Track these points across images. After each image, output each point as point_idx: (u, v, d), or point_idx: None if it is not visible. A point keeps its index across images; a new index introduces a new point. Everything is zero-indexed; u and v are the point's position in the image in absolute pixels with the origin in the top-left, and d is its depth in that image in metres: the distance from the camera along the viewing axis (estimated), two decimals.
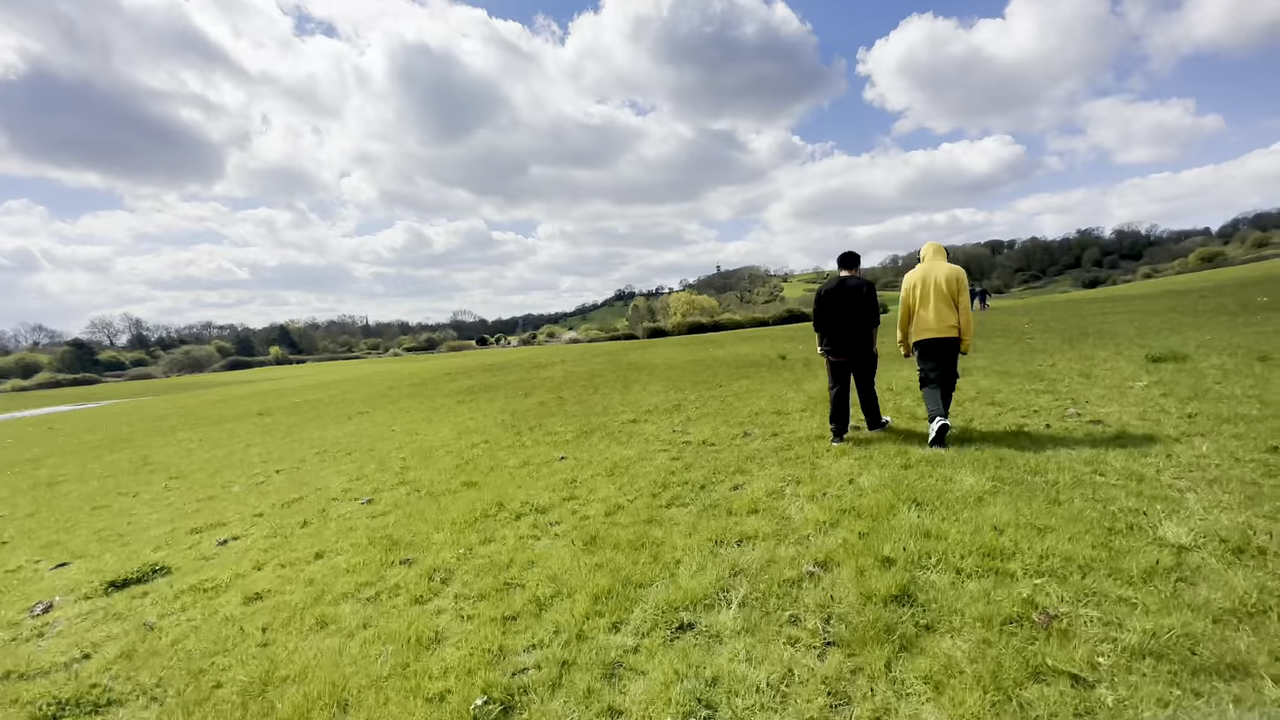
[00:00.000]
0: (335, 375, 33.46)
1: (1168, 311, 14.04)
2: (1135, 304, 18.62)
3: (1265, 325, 9.42)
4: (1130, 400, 5.49)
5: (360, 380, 24.02)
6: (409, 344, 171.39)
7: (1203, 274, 54.09)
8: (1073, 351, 9.04)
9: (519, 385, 14.00)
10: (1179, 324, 11.10)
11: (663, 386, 10.77)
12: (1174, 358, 7.16)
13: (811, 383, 8.92)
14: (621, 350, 25.55)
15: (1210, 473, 3.63)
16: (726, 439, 5.91)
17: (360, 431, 9.74)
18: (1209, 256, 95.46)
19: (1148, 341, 9.09)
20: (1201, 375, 6.15)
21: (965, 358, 9.61)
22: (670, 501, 4.28)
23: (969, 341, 4.98)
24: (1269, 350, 7.01)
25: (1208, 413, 4.80)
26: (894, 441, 5.00)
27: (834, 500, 3.85)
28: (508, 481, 5.37)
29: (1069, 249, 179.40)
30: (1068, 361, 8.11)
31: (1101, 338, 10.36)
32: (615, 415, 8.15)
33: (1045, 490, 3.58)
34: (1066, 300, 30.86)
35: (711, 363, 14.35)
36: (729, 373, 11.75)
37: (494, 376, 17.59)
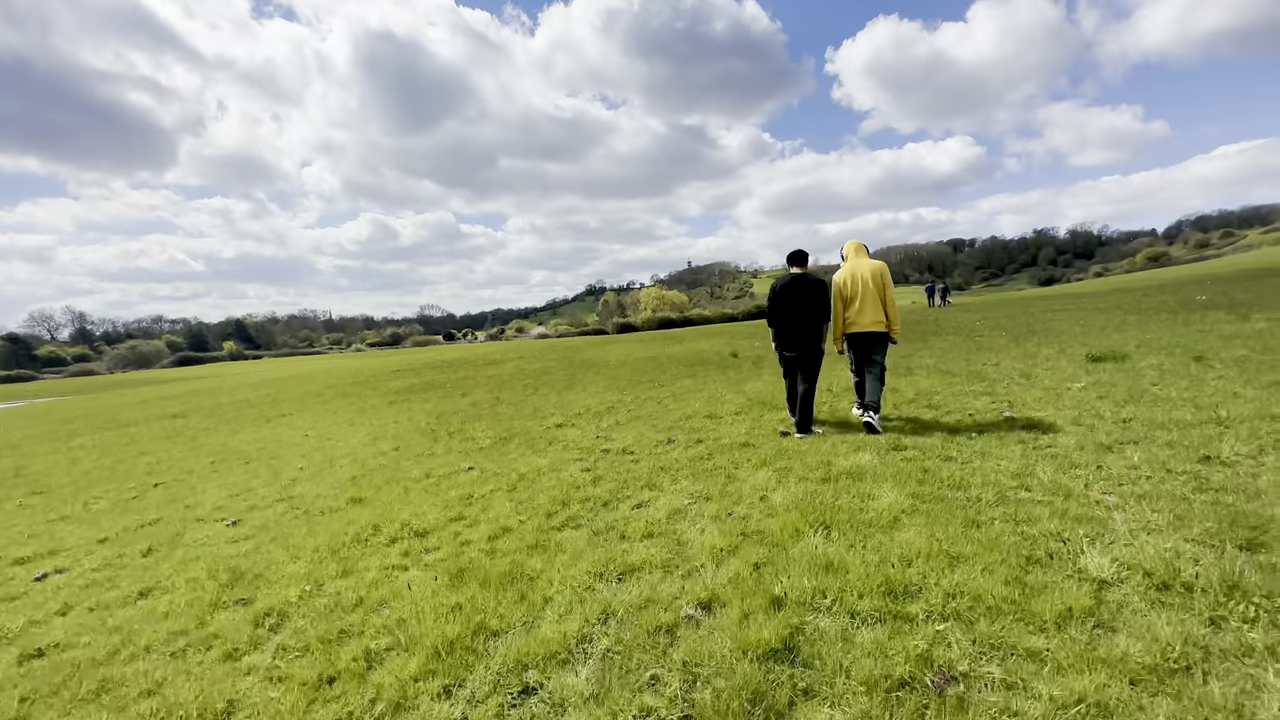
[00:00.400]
0: (282, 372, 31.98)
1: (1113, 310, 14.21)
2: (1084, 302, 18.93)
3: (1202, 324, 9.46)
4: (1067, 403, 5.25)
5: (302, 377, 22.89)
6: (373, 339, 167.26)
7: (1149, 273, 56.35)
8: (1018, 350, 8.91)
9: (461, 384, 13.34)
10: (1122, 322, 11.15)
11: (605, 386, 10.30)
12: (1114, 357, 7.02)
13: (754, 383, 8.57)
14: (581, 346, 24.99)
15: (1140, 486, 3.34)
16: (649, 446, 5.47)
17: (271, 437, 8.99)
18: (1155, 256, 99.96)
19: (1091, 340, 9.02)
20: (1139, 376, 5.98)
21: (913, 356, 9.48)
22: (565, 522, 3.81)
23: (898, 331, 5.26)
24: (1204, 350, 6.92)
25: (1142, 417, 4.57)
26: (822, 448, 4.63)
27: (739, 522, 3.43)
28: (399, 498, 4.82)
29: (1026, 248, 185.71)
30: (1011, 360, 7.94)
31: (1047, 336, 10.30)
32: (544, 419, 7.64)
33: (966, 509, 3.23)
34: (1021, 298, 31.50)
35: (664, 360, 13.94)
36: (677, 370, 11.35)
37: (440, 374, 16.85)
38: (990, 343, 10.19)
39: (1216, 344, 7.31)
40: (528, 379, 12.86)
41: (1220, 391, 5.04)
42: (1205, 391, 5.08)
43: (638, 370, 12.27)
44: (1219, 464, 3.56)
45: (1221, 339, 7.64)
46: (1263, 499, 3.03)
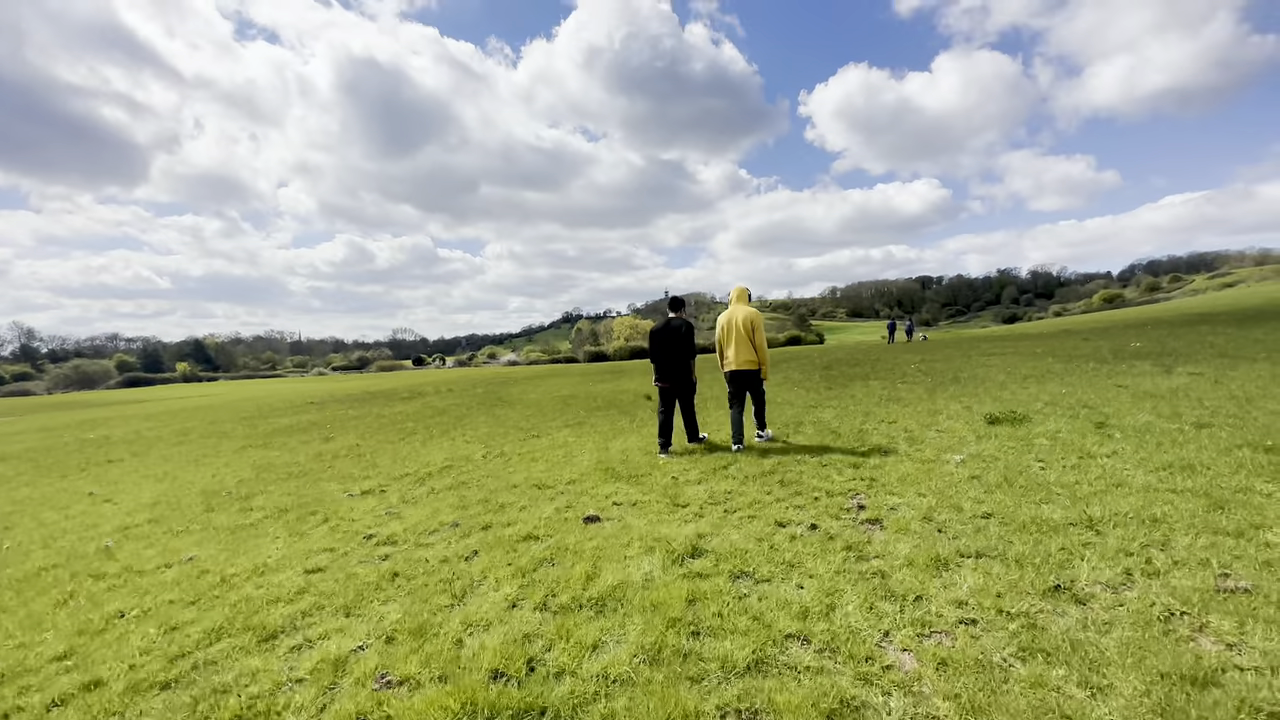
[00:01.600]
0: (209, 399, 29.99)
1: (1046, 355, 13.68)
2: (1026, 345, 18.55)
3: (1124, 376, 8.82)
4: (932, 486, 4.33)
5: (214, 408, 21.17)
6: (339, 362, 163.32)
7: (1102, 314, 57.82)
8: (927, 404, 8.09)
9: (346, 423, 12.06)
10: (1047, 372, 10.50)
11: (485, 433, 9.19)
12: (1013, 420, 6.19)
13: (627, 438, 7.57)
14: (519, 379, 23.81)
15: (955, 640, 2.37)
16: (422, 533, 4.37)
17: (49, 494, 7.62)
18: (1110, 298, 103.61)
19: (1005, 394, 8.26)
20: (1028, 447, 5.13)
21: (817, 409, 8.62)
22: (173, 679, 2.68)
23: (766, 370, 6.03)
24: (1110, 413, 6.15)
25: (1005, 513, 3.65)
26: (609, 548, 3.60)
27: (375, 699, 2.35)
28: (46, 609, 3.62)
29: (990, 286, 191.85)
30: (911, 418, 7.09)
31: (967, 386, 9.56)
32: (362, 480, 6.50)
33: (694, 688, 2.21)
34: (973, 336, 31.44)
35: (578, 400, 12.90)
36: (575, 415, 10.31)
37: (343, 409, 15.50)
38: (906, 393, 9.40)
39: (1126, 405, 6.56)
40: (418, 420, 11.67)
41: (1107, 475, 4.17)
42: (1090, 475, 4.21)
43: (537, 413, 11.19)
44: (1069, 598, 2.63)
45: (1134, 398, 6.90)
46: (1103, 674, 2.07)
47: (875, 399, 8.99)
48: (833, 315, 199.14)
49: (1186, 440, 4.83)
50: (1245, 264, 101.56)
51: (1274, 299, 35.07)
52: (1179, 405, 6.26)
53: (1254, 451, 4.36)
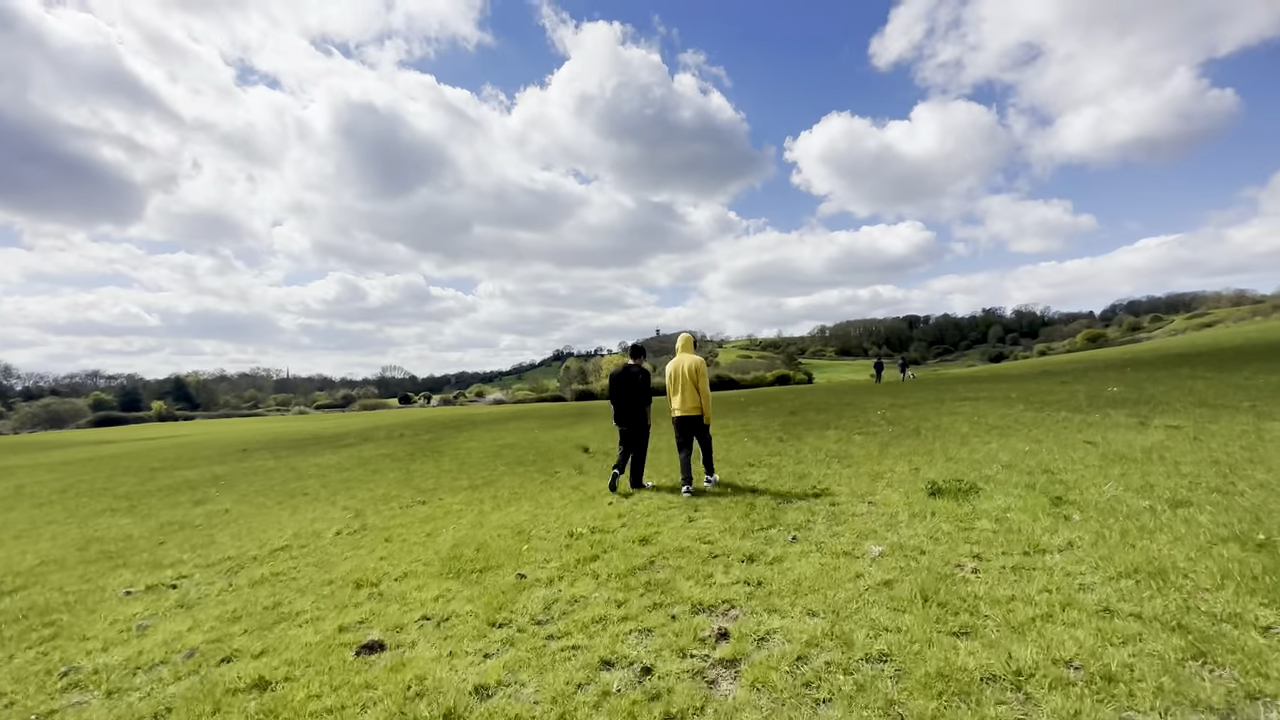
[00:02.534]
0: (152, 444, 28.37)
1: (1019, 402, 12.79)
2: (1002, 387, 17.71)
3: (1098, 427, 7.89)
4: (829, 600, 3.28)
5: (136, 455, 19.72)
6: (324, 400, 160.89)
7: (1084, 354, 57.68)
8: (874, 462, 7.09)
9: (247, 479, 10.84)
10: (1016, 421, 9.57)
11: (375, 494, 8.05)
12: (957, 491, 5.18)
13: (517, 507, 6.47)
14: (483, 420, 22.58)
15: None
16: (137, 667, 3.24)
17: None
18: (1093, 337, 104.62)
19: (962, 452, 7.28)
20: (968, 532, 4.11)
21: (758, 465, 7.60)
22: None
23: (709, 416, 6.18)
24: (1073, 483, 5.16)
25: (906, 657, 2.60)
26: None
27: None
28: None
29: (976, 326, 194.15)
30: (848, 481, 6.07)
31: (926, 439, 8.58)
32: (170, 569, 5.33)
33: None
34: (955, 377, 30.73)
35: (513, 450, 11.79)
36: (492, 470, 9.20)
37: (266, 459, 14.23)
38: (857, 449, 8.40)
39: (1093, 470, 5.58)
40: (325, 476, 10.49)
41: (1054, 587, 3.15)
42: (1033, 586, 3.18)
43: (456, 468, 10.06)
44: None
45: (1102, 461, 5.94)
46: None
47: (821, 456, 7.98)
48: (822, 354, 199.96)
49: (1159, 527, 3.84)
50: (1222, 304, 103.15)
51: (1253, 339, 34.77)
52: (1153, 472, 5.29)
53: (1243, 549, 3.36)
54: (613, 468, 6.59)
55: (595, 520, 5.34)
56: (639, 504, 5.87)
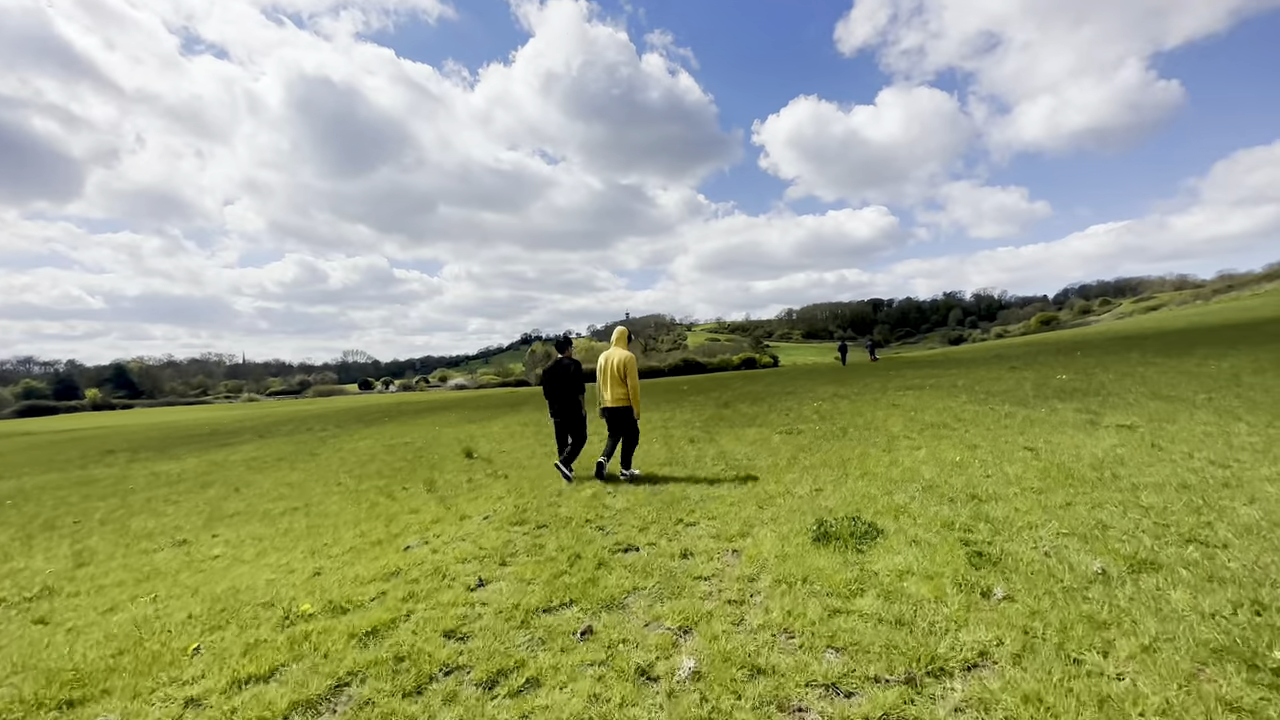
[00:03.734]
0: (32, 438, 25.60)
1: (964, 392, 11.71)
2: (951, 373, 16.75)
3: (1042, 427, 6.73)
4: None
5: None
6: (278, 386, 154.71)
7: (1038, 336, 58.51)
8: (777, 477, 5.73)
9: (55, 493, 8.92)
10: (955, 418, 8.37)
11: (167, 522, 6.34)
12: (852, 536, 3.82)
13: (289, 553, 4.88)
14: (410, 410, 20.70)
15: None
16: None
17: None
18: (1046, 320, 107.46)
19: (879, 465, 5.98)
20: (836, 620, 2.72)
21: (634, 485, 6.19)
22: None
23: (638, 409, 6.29)
24: (1002, 521, 3.85)
25: None
26: None
27: None
28: None
29: (938, 309, 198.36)
30: (730, 507, 4.68)
31: (849, 443, 7.30)
32: None
33: None
34: (908, 360, 30.05)
35: (395, 451, 10.15)
36: (335, 487, 7.56)
37: (128, 465, 12.21)
38: (766, 457, 7.06)
39: (1029, 495, 4.30)
40: (146, 489, 8.65)
41: None
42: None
43: (299, 481, 8.38)
44: None
45: (1044, 481, 4.67)
46: None
47: (722, 466, 6.61)
48: (789, 337, 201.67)
49: (1116, 620, 2.51)
50: (1165, 289, 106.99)
51: (1195, 322, 35.21)
52: (1106, 503, 4.02)
53: (1248, 678, 2.04)
54: (555, 463, 6.67)
55: (357, 584, 3.80)
56: (442, 551, 4.36)
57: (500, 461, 8.40)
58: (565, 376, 6.49)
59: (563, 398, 6.47)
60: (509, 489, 6.45)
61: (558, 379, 6.51)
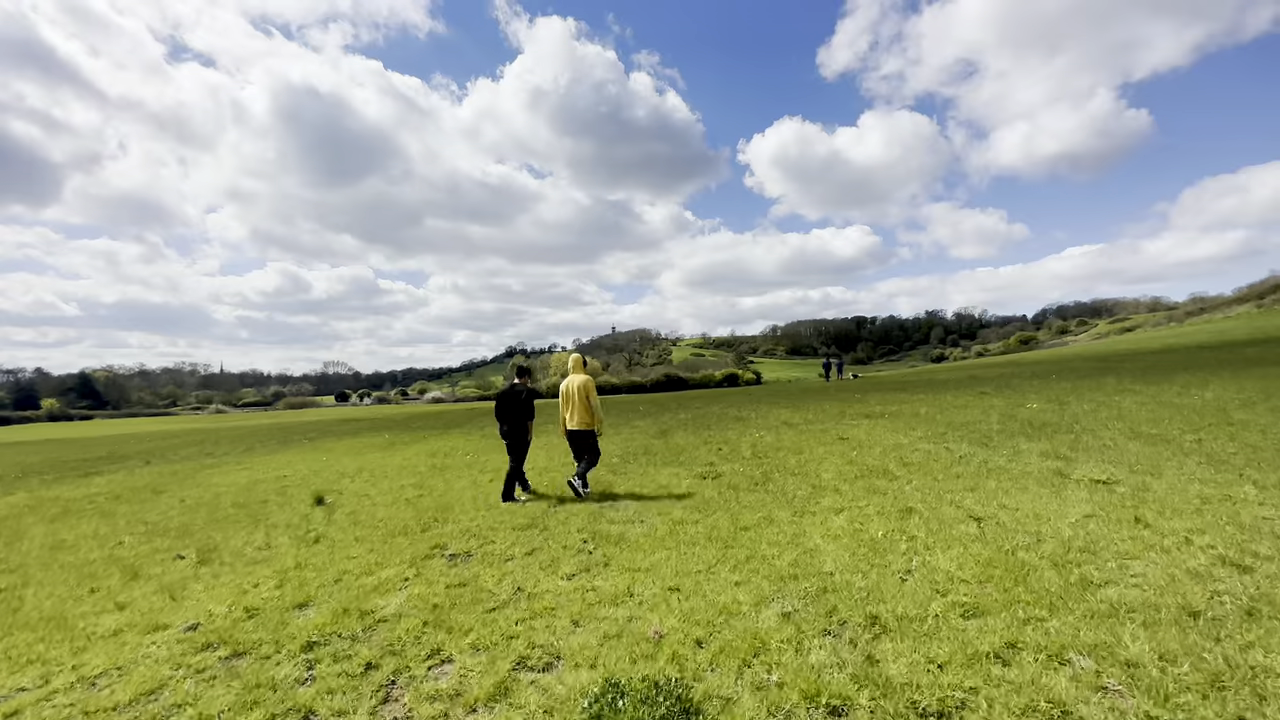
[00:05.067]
0: None
1: (924, 423, 10.35)
2: (919, 396, 15.45)
3: (999, 476, 5.34)
4: None
5: None
6: (251, 398, 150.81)
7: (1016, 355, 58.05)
8: (638, 556, 4.23)
9: None
10: (901, 462, 6.96)
11: None
12: None
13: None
14: (338, 429, 18.92)
15: None
16: None
17: None
18: (1025, 339, 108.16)
19: (777, 544, 4.52)
20: None
21: (455, 559, 4.62)
22: None
23: (600, 428, 6.67)
24: (899, 684, 2.38)
25: None
26: None
27: None
28: None
29: (920, 327, 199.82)
30: (521, 626, 3.16)
31: (769, 496, 5.84)
32: None
33: None
34: (875, 382, 28.83)
35: (234, 496, 8.49)
36: (136, 538, 5.91)
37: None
38: (661, 513, 5.56)
39: (952, 644, 2.85)
40: None
41: None
42: None
43: (85, 534, 6.70)
44: None
45: (981, 591, 3.23)
46: None
47: (579, 540, 5.08)
48: (774, 353, 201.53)
49: None
50: (1140, 310, 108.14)
51: (1170, 344, 34.59)
52: (1069, 642, 2.57)
53: None
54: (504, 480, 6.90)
55: None
56: None
57: (343, 513, 6.81)
58: (518, 403, 6.83)
59: (512, 421, 6.81)
60: (290, 567, 4.86)
61: (511, 405, 6.84)
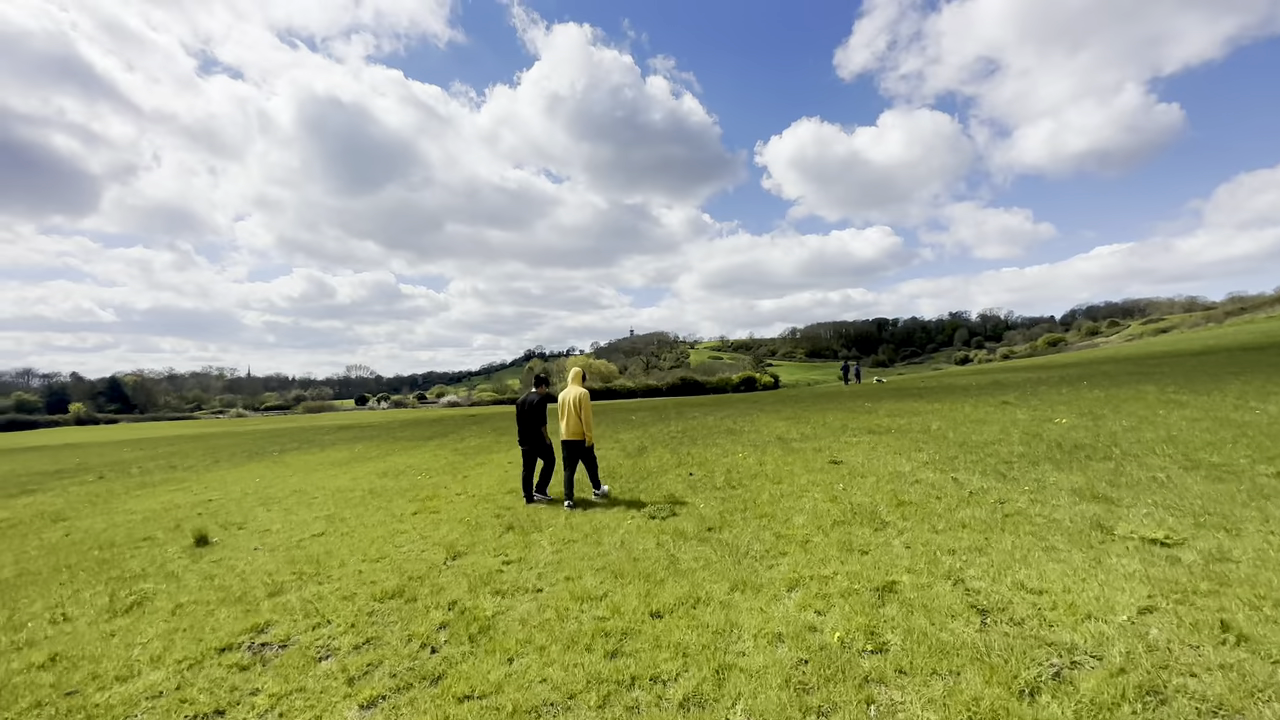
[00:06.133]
0: None
1: (932, 441, 8.94)
2: (934, 406, 13.94)
3: (1017, 526, 4.00)
4: None
5: None
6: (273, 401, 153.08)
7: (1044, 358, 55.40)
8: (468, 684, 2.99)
9: None
10: (898, 499, 5.62)
11: None
12: None
13: None
14: (317, 439, 18.02)
15: None
16: None
17: None
18: (1053, 341, 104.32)
19: (698, 640, 3.23)
20: None
21: None
22: None
23: (590, 438, 7.08)
24: None
25: None
26: None
27: None
28: None
29: (943, 329, 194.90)
30: None
31: (706, 552, 4.55)
32: None
33: None
34: (899, 386, 27.12)
35: (152, 522, 7.45)
36: None
37: None
38: (563, 571, 4.31)
39: None
40: None
41: None
42: None
43: None
44: None
45: None
46: None
47: (440, 625, 3.86)
48: (793, 355, 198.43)
49: None
50: (1175, 310, 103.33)
51: (1210, 345, 32.18)
52: None
53: None
54: (522, 491, 7.40)
55: None
56: None
57: (209, 561, 5.70)
58: (534, 411, 7.29)
59: (529, 429, 7.27)
60: (35, 664, 3.72)
61: (527, 413, 7.32)
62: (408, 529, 6.15)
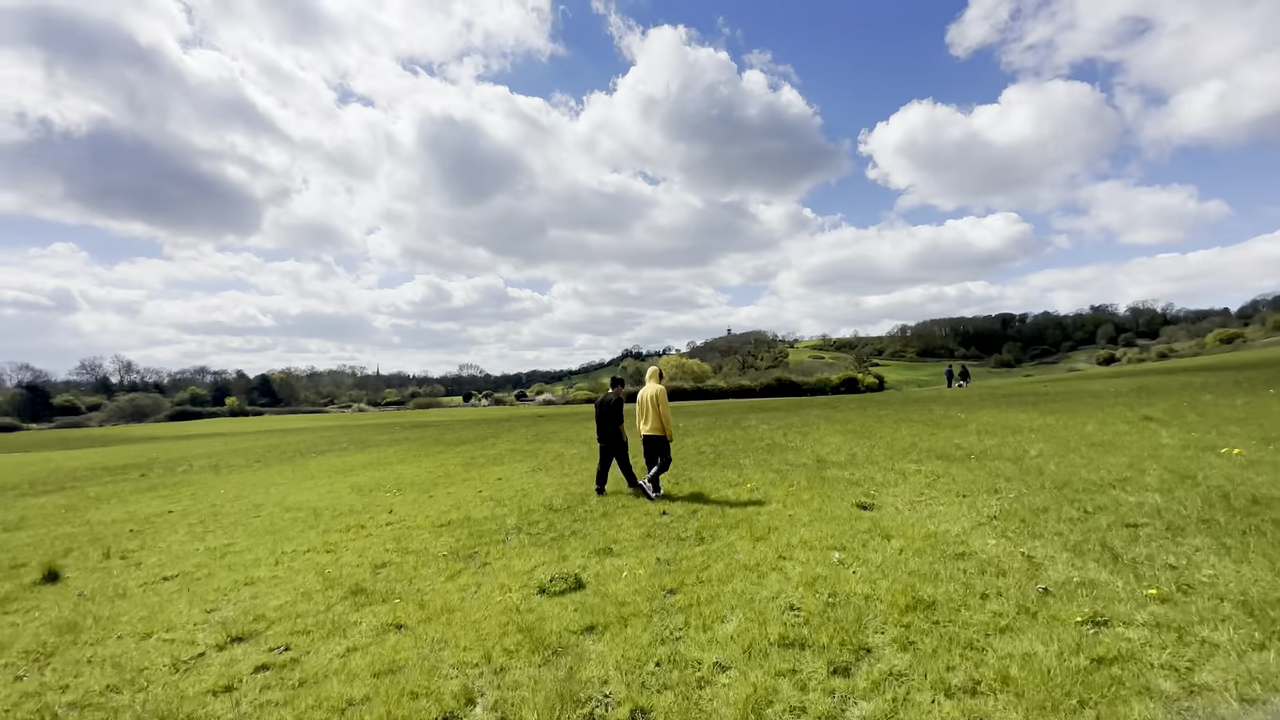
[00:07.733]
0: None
1: (1024, 479, 6.39)
2: (1037, 425, 10.83)
3: (1150, 688, 1.90)
4: None
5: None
6: (392, 397, 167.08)
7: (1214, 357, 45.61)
8: None
9: None
10: (906, 613, 3.52)
11: None
12: None
13: None
14: (389, 434, 18.12)
15: None
16: None
17: None
18: (1228, 338, 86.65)
19: None
20: None
21: None
22: None
23: (670, 433, 7.40)
24: None
25: None
26: None
27: None
28: None
29: (1083, 325, 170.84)
30: None
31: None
32: None
33: None
34: (1005, 391, 22.79)
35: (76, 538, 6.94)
36: None
37: None
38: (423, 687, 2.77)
39: None
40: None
41: None
42: None
43: None
44: None
45: None
46: None
47: None
48: (902, 355, 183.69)
49: None
50: None
51: None
52: None
53: None
54: (595, 483, 7.84)
55: None
56: None
57: (20, 605, 4.78)
58: (610, 409, 7.62)
59: (607, 426, 7.60)
60: None
61: (604, 411, 7.63)
62: (265, 576, 4.94)
